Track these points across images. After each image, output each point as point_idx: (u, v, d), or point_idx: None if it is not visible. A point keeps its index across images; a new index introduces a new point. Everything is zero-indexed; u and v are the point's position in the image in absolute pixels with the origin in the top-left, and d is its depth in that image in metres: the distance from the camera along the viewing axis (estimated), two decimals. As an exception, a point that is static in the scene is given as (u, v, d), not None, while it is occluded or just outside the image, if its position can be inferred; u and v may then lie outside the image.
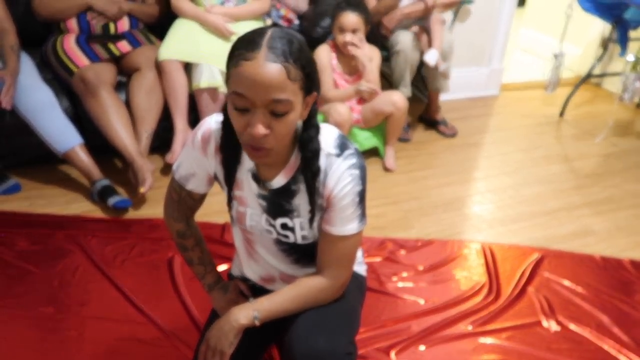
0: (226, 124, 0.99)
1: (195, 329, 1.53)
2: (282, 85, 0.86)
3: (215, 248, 1.73)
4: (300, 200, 1.05)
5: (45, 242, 1.87)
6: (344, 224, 1.04)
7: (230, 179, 1.07)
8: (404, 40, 2.53)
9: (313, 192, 1.03)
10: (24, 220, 1.99)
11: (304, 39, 0.93)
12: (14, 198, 2.14)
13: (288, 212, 1.07)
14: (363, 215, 1.06)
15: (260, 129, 0.88)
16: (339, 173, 1.00)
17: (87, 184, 2.18)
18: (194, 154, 1.08)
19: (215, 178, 1.12)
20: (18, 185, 2.20)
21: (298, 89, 0.89)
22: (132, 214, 2.07)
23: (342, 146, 1.02)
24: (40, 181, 2.26)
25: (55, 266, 1.76)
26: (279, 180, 1.04)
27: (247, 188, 1.08)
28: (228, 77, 0.90)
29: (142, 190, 2.02)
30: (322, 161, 1.01)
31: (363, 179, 1.03)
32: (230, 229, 1.95)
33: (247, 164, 1.05)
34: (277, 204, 1.07)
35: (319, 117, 1.05)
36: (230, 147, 1.00)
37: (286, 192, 1.05)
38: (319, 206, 1.05)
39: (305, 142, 0.99)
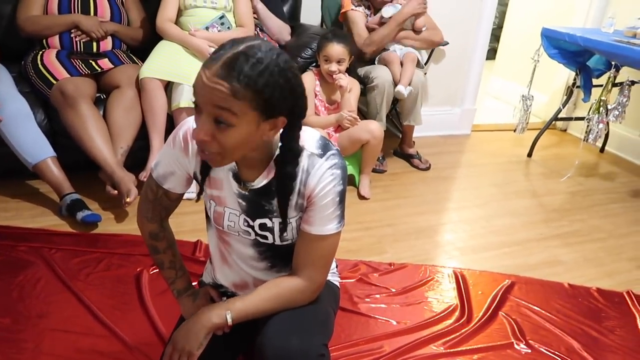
0: None
1: (160, 343, 1.46)
2: (224, 100, 0.85)
3: (187, 265, 1.68)
4: (280, 201, 1.05)
5: (6, 254, 1.79)
6: (323, 224, 1.04)
7: (206, 176, 1.06)
8: (381, 75, 2.61)
9: (285, 208, 1.03)
10: (-15, 231, 1.92)
11: (288, 64, 0.89)
12: (-23, 210, 2.07)
13: (267, 213, 1.07)
14: (342, 216, 1.07)
15: (200, 133, 0.88)
16: (320, 172, 1.00)
17: (55, 200, 2.12)
18: (174, 153, 1.08)
19: (194, 178, 1.11)
20: (-17, 197, 2.13)
21: (248, 109, 0.87)
22: (100, 230, 2.01)
23: (325, 147, 1.03)
24: (6, 195, 2.19)
25: (15, 277, 1.68)
26: (260, 181, 1.04)
27: (227, 187, 1.07)
28: None
29: (128, 200, 2.00)
30: (304, 161, 1.01)
31: (344, 179, 1.04)
32: (202, 246, 1.94)
33: None
34: (257, 204, 1.06)
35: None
36: None
37: (267, 192, 1.05)
38: (298, 206, 1.05)
39: (279, 164, 0.99)
